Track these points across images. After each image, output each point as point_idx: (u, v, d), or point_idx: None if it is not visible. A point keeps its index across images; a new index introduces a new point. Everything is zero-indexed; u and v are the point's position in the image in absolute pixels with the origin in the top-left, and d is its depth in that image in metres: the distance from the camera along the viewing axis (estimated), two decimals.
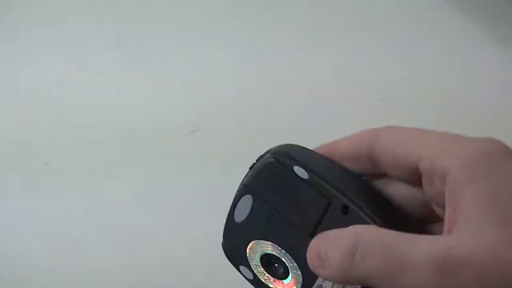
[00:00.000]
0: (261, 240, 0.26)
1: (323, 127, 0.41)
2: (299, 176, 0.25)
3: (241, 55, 0.33)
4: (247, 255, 0.26)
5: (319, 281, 0.25)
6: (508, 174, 0.19)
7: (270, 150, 0.27)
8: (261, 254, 0.26)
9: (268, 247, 0.26)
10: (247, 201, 0.26)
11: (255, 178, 0.26)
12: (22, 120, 0.45)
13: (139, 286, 0.37)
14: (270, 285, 0.26)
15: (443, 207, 0.21)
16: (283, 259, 0.26)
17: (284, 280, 0.26)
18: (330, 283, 0.24)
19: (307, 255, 0.23)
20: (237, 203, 0.27)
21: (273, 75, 0.44)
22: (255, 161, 0.27)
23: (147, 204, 0.40)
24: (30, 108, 0.45)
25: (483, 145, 0.20)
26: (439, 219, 0.23)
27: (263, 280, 0.26)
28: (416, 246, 0.19)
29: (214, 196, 0.33)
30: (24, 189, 0.41)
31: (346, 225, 0.23)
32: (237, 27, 0.49)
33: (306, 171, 0.25)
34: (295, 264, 0.25)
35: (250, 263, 0.26)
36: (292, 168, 0.25)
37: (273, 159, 0.26)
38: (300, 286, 0.25)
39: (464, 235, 0.19)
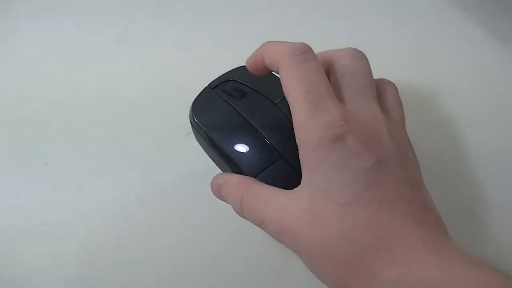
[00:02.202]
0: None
1: None
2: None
3: (242, 54, 0.33)
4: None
5: None
6: (332, 162, 0.26)
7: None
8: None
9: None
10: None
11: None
12: (22, 120, 0.45)
13: (139, 285, 0.37)
14: None
15: None
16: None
17: None
18: None
19: (212, 185, 0.32)
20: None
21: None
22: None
23: (147, 204, 0.40)
24: (29, 108, 0.45)
25: (323, 131, 0.26)
26: None
27: None
28: (267, 210, 0.27)
29: (214, 196, 0.33)
30: (24, 189, 0.41)
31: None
32: (238, 27, 0.49)
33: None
34: None
35: None
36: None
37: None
38: None
39: (293, 207, 0.26)
